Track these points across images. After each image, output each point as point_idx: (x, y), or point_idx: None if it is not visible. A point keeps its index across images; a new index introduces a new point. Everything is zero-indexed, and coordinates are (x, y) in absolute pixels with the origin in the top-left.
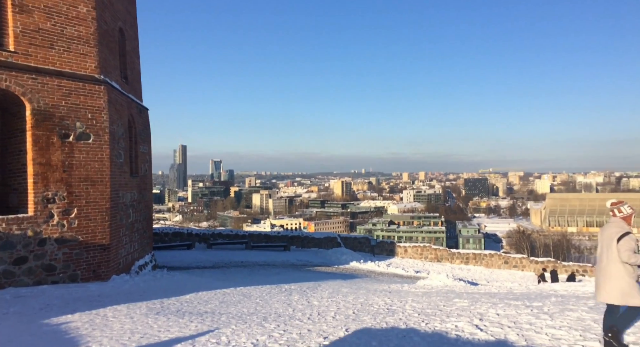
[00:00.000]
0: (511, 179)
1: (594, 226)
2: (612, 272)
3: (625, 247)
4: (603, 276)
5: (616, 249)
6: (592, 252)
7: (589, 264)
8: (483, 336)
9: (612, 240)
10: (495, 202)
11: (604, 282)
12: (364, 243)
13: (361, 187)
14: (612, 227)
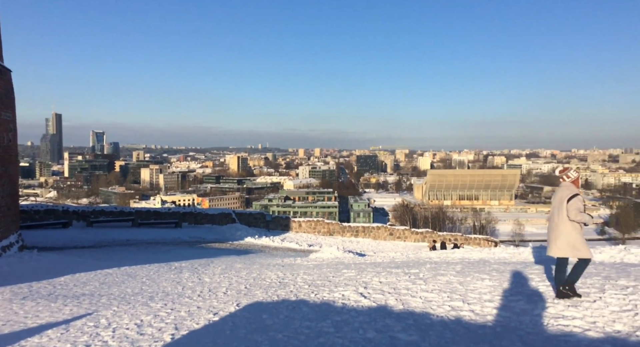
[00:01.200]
0: (398, 156)
1: (465, 200)
2: (562, 230)
3: (574, 206)
4: (554, 233)
5: (566, 209)
6: (462, 222)
7: (459, 233)
8: (367, 302)
9: (562, 201)
10: (383, 178)
11: (556, 239)
12: (259, 219)
13: (258, 163)
14: (563, 190)
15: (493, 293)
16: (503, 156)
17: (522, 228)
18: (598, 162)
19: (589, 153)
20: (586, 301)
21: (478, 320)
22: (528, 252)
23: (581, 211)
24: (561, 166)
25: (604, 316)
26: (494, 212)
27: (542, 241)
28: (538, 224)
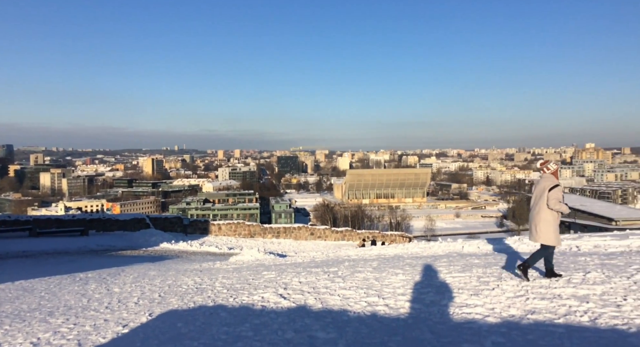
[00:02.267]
0: (318, 156)
1: (382, 198)
2: (542, 217)
3: (554, 196)
4: (535, 221)
5: (546, 196)
6: (380, 220)
7: (376, 231)
8: (286, 303)
9: (544, 191)
10: (304, 179)
11: (537, 225)
12: (176, 223)
13: (174, 165)
14: (544, 181)
15: (406, 287)
16: (416, 156)
17: (434, 223)
18: (497, 161)
19: (489, 152)
20: (486, 289)
21: (392, 313)
22: (437, 246)
23: (560, 201)
24: (542, 159)
25: (501, 302)
26: (408, 209)
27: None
28: (447, 219)
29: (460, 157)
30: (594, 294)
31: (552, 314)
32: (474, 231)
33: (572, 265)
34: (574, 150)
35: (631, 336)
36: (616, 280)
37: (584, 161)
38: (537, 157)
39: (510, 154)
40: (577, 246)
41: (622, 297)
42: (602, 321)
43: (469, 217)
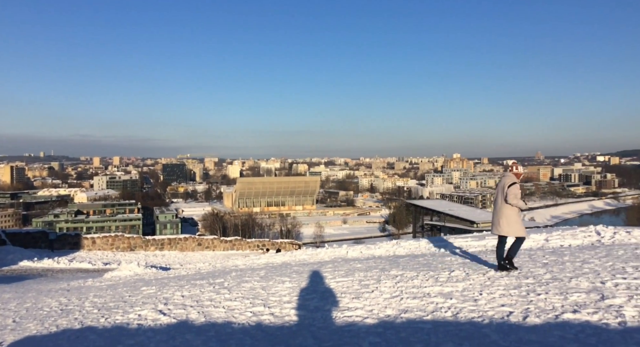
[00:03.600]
0: (207, 164)
1: (273, 206)
2: (504, 212)
3: (512, 192)
4: (497, 214)
5: (506, 192)
6: (271, 228)
7: (266, 239)
8: (166, 320)
9: (504, 187)
10: (192, 187)
11: (499, 219)
12: (40, 238)
13: (39, 173)
14: (506, 179)
15: (292, 294)
16: (306, 164)
17: (322, 230)
18: (380, 169)
19: (373, 161)
20: (366, 292)
21: (277, 322)
22: (324, 253)
23: (518, 197)
24: (512, 161)
25: (379, 303)
26: (298, 217)
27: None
28: (335, 226)
29: (347, 166)
30: (456, 291)
31: (422, 312)
32: (359, 236)
33: (440, 265)
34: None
35: (485, 327)
36: (474, 277)
37: (452, 170)
38: (413, 165)
39: (392, 162)
40: (445, 247)
41: (478, 292)
42: (462, 315)
43: (355, 223)
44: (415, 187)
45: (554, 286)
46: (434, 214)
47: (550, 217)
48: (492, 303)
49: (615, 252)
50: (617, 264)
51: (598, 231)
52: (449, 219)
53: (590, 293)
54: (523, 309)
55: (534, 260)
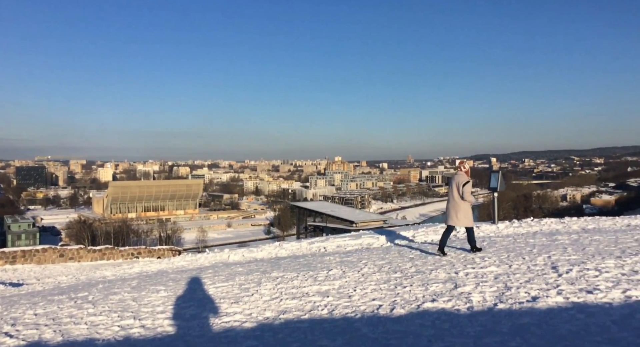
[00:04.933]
0: (73, 167)
1: (151, 211)
2: (458, 205)
3: (467, 190)
4: (453, 208)
5: (462, 191)
6: (148, 234)
7: (143, 246)
8: (13, 342)
9: (460, 185)
10: (54, 192)
11: (455, 212)
12: None
13: None
14: (459, 177)
15: (167, 304)
16: (188, 167)
17: (206, 235)
18: (265, 172)
19: (258, 163)
20: (246, 296)
21: (148, 334)
22: (204, 258)
23: (471, 193)
24: (459, 159)
25: (258, 306)
26: (179, 222)
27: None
28: (219, 230)
29: (231, 168)
30: (333, 289)
31: (300, 312)
32: (244, 239)
33: (319, 265)
34: (327, 163)
35: (357, 322)
36: (350, 274)
37: (334, 172)
38: (298, 168)
39: (277, 165)
40: (324, 247)
41: (352, 289)
42: (337, 311)
43: (240, 227)
44: (299, 190)
45: (418, 279)
46: (317, 215)
47: (419, 215)
48: (364, 298)
49: (467, 245)
50: (468, 255)
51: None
52: (330, 220)
53: (446, 283)
54: (391, 302)
55: (402, 255)
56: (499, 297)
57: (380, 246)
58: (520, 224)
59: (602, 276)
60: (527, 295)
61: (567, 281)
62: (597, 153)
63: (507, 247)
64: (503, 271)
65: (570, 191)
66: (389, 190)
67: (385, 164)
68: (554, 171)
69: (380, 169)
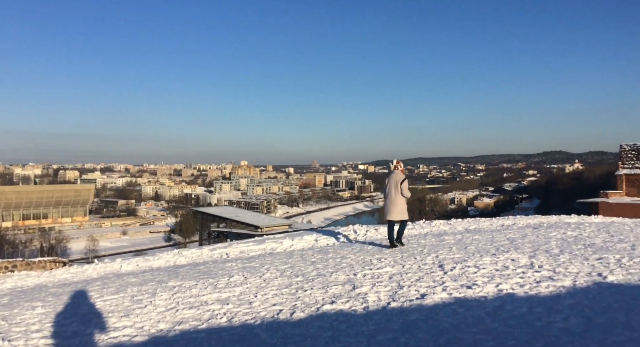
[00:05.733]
0: None
1: (32, 219)
2: (398, 202)
3: (406, 187)
4: (392, 204)
5: (400, 188)
6: (27, 245)
7: (19, 259)
8: None
9: (398, 182)
10: None
11: (394, 208)
12: None
13: None
14: (397, 175)
15: (44, 321)
16: (77, 171)
17: (97, 244)
18: (166, 176)
19: (158, 167)
20: (138, 308)
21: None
22: (92, 269)
23: (408, 189)
24: (395, 160)
25: (151, 318)
26: (66, 230)
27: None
28: (113, 238)
29: (128, 173)
30: (233, 296)
31: (197, 321)
32: (141, 247)
33: (220, 271)
34: (232, 167)
35: (256, 328)
36: (252, 280)
37: (240, 177)
38: (202, 172)
39: (179, 169)
40: (227, 253)
41: (254, 295)
42: (237, 319)
43: (137, 234)
44: (203, 194)
45: (318, 282)
46: (221, 221)
47: (324, 219)
48: (265, 304)
49: (366, 247)
50: (366, 257)
51: (355, 229)
52: (235, 225)
53: (345, 284)
54: (291, 306)
55: (305, 259)
56: (392, 296)
57: (284, 251)
58: (413, 226)
59: (480, 272)
60: (417, 293)
61: (451, 278)
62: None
63: (401, 248)
64: (397, 271)
65: (458, 195)
66: (295, 194)
67: (291, 168)
68: (444, 176)
69: (286, 173)
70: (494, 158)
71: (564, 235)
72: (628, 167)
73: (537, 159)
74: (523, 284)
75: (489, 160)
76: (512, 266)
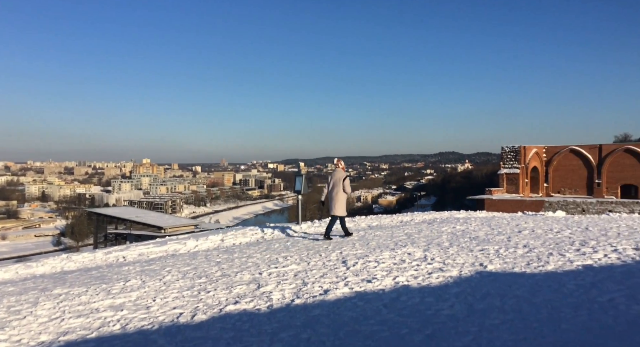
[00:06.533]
0: None
1: None
2: (339, 198)
3: (347, 184)
4: (335, 200)
5: (343, 185)
6: None
7: None
8: None
9: (340, 180)
10: None
11: (335, 203)
12: None
13: None
14: (339, 173)
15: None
16: None
17: None
18: (55, 174)
19: (45, 165)
20: (16, 320)
21: None
22: None
23: (349, 187)
24: (336, 158)
25: (31, 330)
26: None
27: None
28: None
29: (8, 171)
30: (129, 301)
31: (86, 330)
32: (24, 253)
33: (115, 276)
34: (133, 165)
35: (154, 333)
36: (150, 284)
37: (142, 175)
38: (98, 171)
39: (70, 167)
40: (124, 257)
41: (152, 299)
42: (132, 325)
43: (20, 238)
44: (99, 194)
45: (223, 282)
46: (120, 222)
47: (232, 218)
48: (164, 308)
49: (273, 246)
50: (273, 255)
51: (262, 228)
52: (135, 227)
53: (250, 284)
54: (193, 308)
55: (209, 260)
56: (297, 293)
57: (187, 252)
58: (320, 224)
59: (379, 266)
60: (320, 289)
61: (353, 273)
62: (384, 160)
63: (307, 245)
64: (302, 268)
65: (364, 193)
66: (203, 193)
67: (198, 167)
68: (351, 176)
69: (193, 172)
70: (396, 158)
71: (453, 229)
72: (508, 167)
73: (434, 159)
74: (417, 276)
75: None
76: (408, 259)
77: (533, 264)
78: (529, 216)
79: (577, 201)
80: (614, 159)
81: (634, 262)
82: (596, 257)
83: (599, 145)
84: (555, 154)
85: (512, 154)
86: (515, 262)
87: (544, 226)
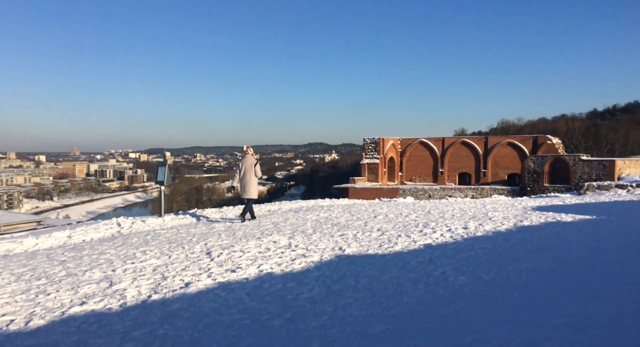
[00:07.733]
0: None
1: None
2: (252, 182)
3: (258, 169)
4: (247, 184)
5: (255, 170)
6: None
7: None
8: None
9: (252, 165)
10: None
11: (249, 187)
12: None
13: None
14: (249, 159)
15: None
16: None
17: None
18: None
19: None
20: None
21: None
22: None
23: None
24: (246, 145)
25: None
26: None
27: None
28: None
29: None
30: None
31: None
32: None
33: None
34: None
35: None
36: None
37: None
38: None
39: None
40: None
41: None
42: None
43: None
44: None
45: (67, 282)
46: None
47: (86, 212)
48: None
49: (130, 241)
50: (130, 250)
51: (119, 222)
52: None
53: (101, 282)
54: (28, 314)
55: (52, 259)
56: (155, 289)
57: (24, 251)
58: (185, 216)
59: (245, 255)
60: (181, 282)
61: (217, 264)
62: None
63: (169, 238)
64: (162, 262)
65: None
66: (48, 186)
67: (43, 156)
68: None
69: (36, 162)
70: (267, 148)
71: (317, 216)
72: (369, 158)
73: (303, 149)
74: (281, 263)
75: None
76: (273, 247)
77: (384, 245)
78: (384, 202)
79: (425, 187)
80: (453, 150)
81: (463, 239)
82: (434, 237)
83: (442, 138)
84: (408, 146)
85: (373, 146)
86: (369, 244)
87: (395, 210)
